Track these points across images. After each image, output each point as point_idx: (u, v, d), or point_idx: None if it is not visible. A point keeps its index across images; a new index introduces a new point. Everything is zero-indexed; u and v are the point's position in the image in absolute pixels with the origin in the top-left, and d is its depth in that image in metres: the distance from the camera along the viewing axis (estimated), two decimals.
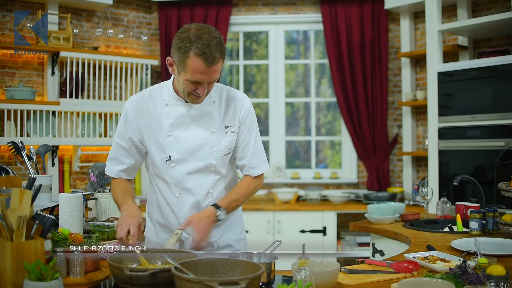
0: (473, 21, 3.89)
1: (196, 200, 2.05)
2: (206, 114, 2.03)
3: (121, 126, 2.08)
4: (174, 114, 2.02)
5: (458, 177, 2.80)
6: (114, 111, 4.56)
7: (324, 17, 4.88)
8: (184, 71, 1.85)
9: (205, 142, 2.02)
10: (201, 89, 1.89)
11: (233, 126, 2.07)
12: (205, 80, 1.86)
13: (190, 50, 1.81)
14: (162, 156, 2.03)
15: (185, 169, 2.03)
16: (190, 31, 1.84)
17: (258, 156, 2.13)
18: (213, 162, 2.04)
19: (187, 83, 1.88)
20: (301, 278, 1.40)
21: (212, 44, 1.81)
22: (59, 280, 1.46)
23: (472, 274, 1.53)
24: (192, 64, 1.82)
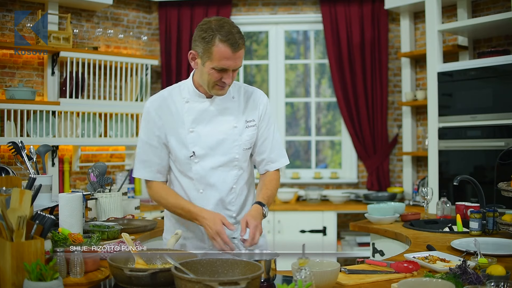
0: (473, 21, 3.89)
1: (220, 195, 2.07)
2: (227, 109, 2.08)
3: (147, 126, 2.09)
4: (195, 110, 2.05)
5: (458, 177, 2.80)
6: (114, 111, 4.57)
7: (324, 17, 4.88)
8: (210, 59, 1.91)
9: (227, 137, 2.06)
10: (227, 77, 1.94)
11: (253, 121, 2.11)
12: (231, 66, 1.92)
13: (215, 38, 1.88)
14: (185, 152, 2.05)
15: (209, 164, 2.05)
16: (211, 22, 1.91)
17: (278, 150, 2.17)
18: (236, 156, 2.07)
19: (213, 72, 1.93)
20: (301, 278, 1.40)
21: (234, 31, 1.90)
22: (59, 280, 1.46)
23: (472, 274, 1.53)
24: (218, 51, 1.88)
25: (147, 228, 2.63)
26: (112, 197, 2.82)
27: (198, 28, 1.93)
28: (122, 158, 4.89)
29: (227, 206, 2.10)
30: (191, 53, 1.97)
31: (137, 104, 4.72)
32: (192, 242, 2.12)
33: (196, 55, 1.96)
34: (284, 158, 2.19)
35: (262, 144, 2.14)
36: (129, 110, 4.67)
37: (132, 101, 4.71)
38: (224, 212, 2.08)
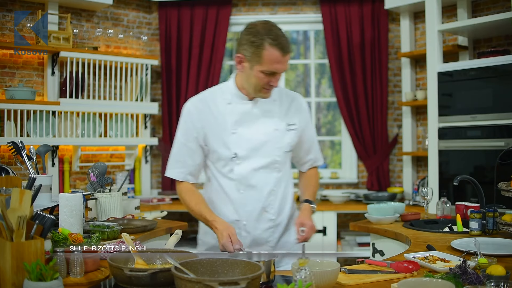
0: (473, 21, 3.89)
1: (260, 197, 2.10)
2: (269, 111, 2.12)
3: (185, 127, 2.13)
4: (238, 111, 2.09)
5: (458, 177, 2.80)
6: (114, 111, 4.57)
7: (324, 17, 4.88)
8: (259, 63, 1.95)
9: (269, 139, 2.10)
10: (275, 80, 1.99)
11: (294, 124, 2.16)
12: (280, 69, 1.97)
13: (265, 42, 1.91)
14: (227, 153, 2.07)
15: (250, 165, 2.08)
16: (258, 26, 1.96)
17: (319, 151, 2.33)
18: (277, 158, 2.11)
19: (262, 76, 1.96)
20: (301, 278, 1.40)
21: (282, 35, 1.94)
22: (59, 280, 1.46)
23: (472, 274, 1.53)
24: (269, 54, 1.92)
25: (147, 228, 2.63)
26: (112, 197, 2.82)
27: (246, 32, 1.97)
28: (122, 158, 4.89)
29: (266, 208, 2.12)
30: (238, 56, 2.00)
31: (137, 104, 4.72)
32: None
33: (243, 58, 1.98)
34: (321, 156, 2.35)
35: (310, 146, 2.25)
36: (129, 110, 4.67)
37: (132, 101, 4.71)
38: (263, 215, 2.11)
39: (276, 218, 2.14)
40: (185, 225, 2.98)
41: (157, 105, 4.86)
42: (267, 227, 2.14)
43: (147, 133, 4.90)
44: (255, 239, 2.13)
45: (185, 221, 3.20)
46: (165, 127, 5.01)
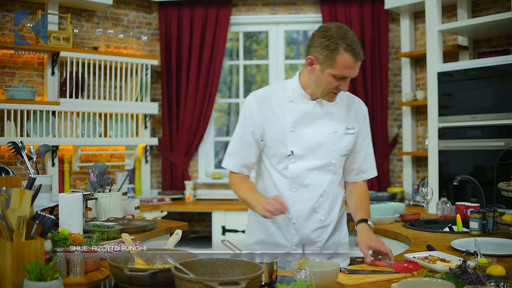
0: (473, 21, 3.89)
1: (311, 197, 2.09)
2: (329, 113, 2.10)
3: (244, 121, 2.13)
4: (299, 110, 2.08)
5: (458, 177, 2.80)
6: (114, 111, 4.57)
7: (324, 17, 4.88)
8: (332, 67, 1.94)
9: (326, 141, 2.08)
10: (344, 85, 1.97)
11: (353, 129, 2.14)
12: (351, 75, 1.96)
13: (340, 47, 1.91)
14: (284, 150, 2.07)
15: (305, 165, 2.07)
16: (332, 29, 1.95)
17: (370, 162, 2.22)
18: (332, 161, 2.10)
19: (332, 80, 1.96)
20: (301, 278, 1.40)
21: (356, 41, 1.93)
22: (59, 280, 1.46)
23: (472, 274, 1.53)
24: (343, 59, 1.92)
25: (147, 228, 2.63)
26: (112, 197, 2.82)
27: (320, 34, 1.97)
28: (122, 158, 4.89)
29: (317, 209, 2.12)
30: (309, 58, 2.01)
31: (137, 104, 4.72)
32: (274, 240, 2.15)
33: (315, 60, 1.99)
34: (374, 169, 2.24)
35: (357, 154, 2.18)
36: (129, 110, 4.68)
37: (132, 101, 4.71)
38: (313, 215, 2.12)
39: (325, 219, 2.15)
40: (185, 225, 2.98)
41: (157, 105, 4.86)
42: (316, 227, 2.14)
43: (147, 133, 4.90)
44: (303, 239, 2.13)
45: (185, 221, 3.20)
46: (165, 127, 5.01)
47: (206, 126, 5.01)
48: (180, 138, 4.99)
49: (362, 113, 2.19)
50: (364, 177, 2.23)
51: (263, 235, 2.17)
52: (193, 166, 5.16)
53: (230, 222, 4.50)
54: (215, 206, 4.59)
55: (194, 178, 5.14)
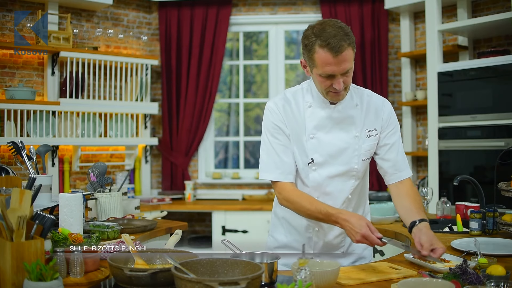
0: (473, 21, 3.89)
1: (334, 204, 1.97)
2: (349, 117, 2.00)
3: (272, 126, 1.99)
4: (318, 116, 1.98)
5: (458, 177, 2.80)
6: (114, 111, 4.57)
7: (324, 17, 4.88)
8: (315, 67, 1.85)
9: (347, 146, 1.99)
10: (337, 83, 1.85)
11: (374, 130, 2.02)
12: (336, 71, 1.83)
13: (315, 44, 1.81)
14: (304, 158, 1.98)
15: (326, 172, 1.99)
16: (314, 27, 1.85)
17: (403, 159, 2.07)
18: (355, 166, 2.00)
19: (321, 79, 1.87)
20: (301, 278, 1.40)
21: (337, 33, 1.80)
22: (59, 280, 1.46)
23: (472, 274, 1.53)
24: (320, 57, 1.81)
25: (147, 228, 2.63)
26: (112, 197, 2.82)
27: (303, 35, 1.88)
28: (122, 158, 4.89)
29: None
30: (301, 61, 1.94)
31: (137, 104, 4.72)
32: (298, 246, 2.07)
33: (305, 63, 1.92)
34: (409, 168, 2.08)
35: (388, 151, 2.04)
36: (129, 110, 4.68)
37: (132, 101, 4.72)
38: None
39: None
40: (185, 225, 2.97)
41: (157, 105, 4.86)
42: (339, 233, 2.07)
43: (147, 133, 4.90)
44: (326, 245, 2.08)
45: (185, 221, 3.20)
46: (165, 127, 5.01)
47: (206, 126, 5.01)
48: (180, 138, 4.99)
49: (385, 111, 2.05)
50: (403, 176, 2.04)
51: (286, 239, 2.10)
52: (193, 166, 5.16)
53: (230, 222, 4.50)
54: (215, 206, 4.59)
55: (194, 178, 5.14)
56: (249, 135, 5.38)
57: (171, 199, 4.75)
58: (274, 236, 2.19)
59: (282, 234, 2.14)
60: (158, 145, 4.99)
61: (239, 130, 5.29)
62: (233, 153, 5.40)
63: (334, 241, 2.09)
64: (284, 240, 2.14)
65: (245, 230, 4.46)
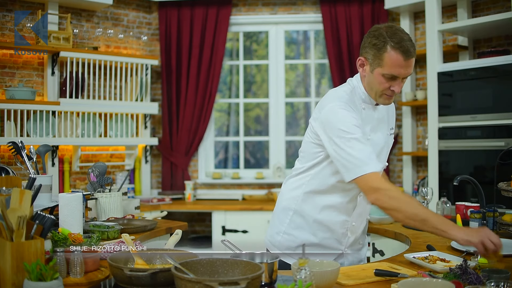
0: (473, 21, 3.89)
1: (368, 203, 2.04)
2: (384, 116, 2.10)
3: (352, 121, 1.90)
4: (371, 117, 2.05)
5: (458, 177, 2.80)
6: (114, 111, 4.57)
7: (324, 17, 4.88)
8: (381, 66, 1.90)
9: (384, 144, 2.09)
10: (396, 85, 1.91)
11: (392, 128, 2.16)
12: (402, 74, 1.89)
13: (387, 44, 1.87)
14: None
15: None
16: (382, 29, 1.91)
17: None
18: (386, 163, 2.11)
19: (382, 80, 1.91)
20: (301, 278, 1.40)
21: (406, 39, 1.87)
22: (59, 280, 1.46)
23: (472, 274, 1.53)
24: (390, 57, 1.87)
25: (147, 228, 2.63)
26: (112, 197, 2.82)
27: (369, 34, 1.93)
28: (122, 158, 4.89)
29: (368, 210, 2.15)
30: (360, 59, 1.96)
31: (137, 104, 4.72)
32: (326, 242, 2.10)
33: (365, 61, 1.95)
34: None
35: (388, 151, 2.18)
36: (129, 110, 4.68)
37: (132, 101, 4.72)
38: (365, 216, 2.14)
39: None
40: (185, 225, 2.97)
41: (157, 105, 4.86)
42: (364, 228, 2.19)
43: (147, 133, 4.90)
44: (356, 240, 2.15)
45: (185, 221, 3.20)
46: (165, 127, 5.01)
47: (206, 126, 5.01)
48: (180, 138, 4.99)
49: (394, 111, 2.21)
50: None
51: (312, 237, 2.08)
52: (193, 166, 5.16)
53: (230, 222, 4.50)
54: (215, 206, 4.59)
55: (194, 178, 5.14)
56: (249, 135, 5.38)
57: (171, 199, 4.75)
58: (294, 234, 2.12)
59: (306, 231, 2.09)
60: (158, 145, 4.99)
61: (239, 130, 5.29)
62: (233, 153, 5.40)
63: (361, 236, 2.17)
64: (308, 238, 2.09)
65: (245, 230, 4.46)
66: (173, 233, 2.11)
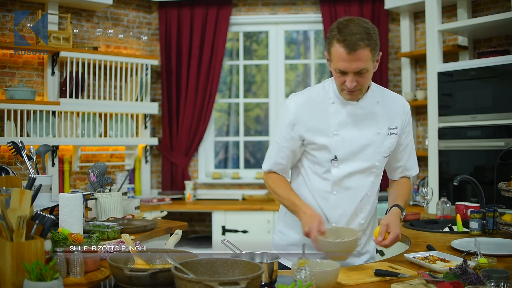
0: (473, 21, 3.89)
1: (353, 200, 2.02)
2: (372, 114, 2.01)
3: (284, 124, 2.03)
4: (341, 113, 1.99)
5: (458, 177, 2.80)
6: (114, 111, 4.57)
7: (324, 17, 4.88)
8: (332, 61, 1.88)
9: (370, 143, 2.00)
10: (348, 80, 1.86)
11: (395, 128, 2.05)
12: (347, 68, 1.83)
13: (334, 38, 1.83)
14: (327, 155, 1.98)
15: (348, 168, 1.99)
16: (340, 22, 1.85)
17: (413, 159, 2.16)
18: (376, 163, 2.02)
19: (336, 74, 1.89)
20: (301, 278, 1.40)
21: (357, 32, 1.80)
22: (59, 280, 1.46)
23: (472, 274, 1.53)
24: (335, 52, 1.83)
25: (147, 228, 2.63)
26: (112, 197, 2.82)
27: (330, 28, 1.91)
28: (122, 158, 4.89)
29: (357, 213, 2.05)
30: (325, 53, 1.94)
31: (137, 104, 4.72)
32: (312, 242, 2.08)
33: (327, 56, 1.92)
34: (416, 166, 2.18)
35: (402, 151, 2.11)
36: (129, 110, 4.68)
37: (132, 101, 4.72)
38: (354, 219, 2.04)
39: (364, 222, 2.07)
40: (185, 225, 2.98)
41: (157, 105, 4.86)
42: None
43: (147, 133, 4.90)
44: None
45: (185, 221, 3.20)
46: (165, 127, 5.01)
47: (206, 126, 5.01)
48: (180, 138, 4.99)
49: (405, 111, 2.09)
50: (408, 175, 2.17)
51: (298, 236, 2.07)
52: (193, 166, 5.16)
53: (230, 222, 4.50)
54: (215, 206, 4.59)
55: (194, 178, 5.14)
56: (249, 135, 5.38)
57: (171, 199, 4.75)
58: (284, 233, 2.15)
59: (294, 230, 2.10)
60: (158, 145, 4.99)
61: (239, 130, 5.29)
62: (233, 153, 5.40)
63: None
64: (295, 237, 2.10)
65: (245, 230, 4.45)
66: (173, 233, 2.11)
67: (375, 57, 1.88)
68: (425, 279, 1.58)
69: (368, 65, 1.85)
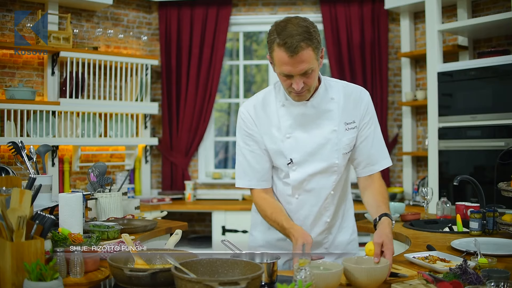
0: (473, 21, 3.89)
1: (317, 201, 1.99)
2: (326, 112, 1.95)
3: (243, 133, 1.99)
4: (292, 114, 1.93)
5: (458, 177, 2.80)
6: (114, 111, 4.57)
7: (324, 17, 4.88)
8: (275, 65, 1.82)
9: (326, 142, 1.94)
10: (295, 83, 1.80)
11: (353, 122, 1.97)
12: (292, 72, 1.77)
13: (274, 42, 1.77)
14: (283, 160, 1.95)
15: (307, 171, 1.95)
16: (277, 24, 1.79)
17: (378, 151, 2.02)
18: (335, 161, 1.96)
19: (281, 78, 1.83)
20: (301, 278, 1.40)
21: (296, 33, 1.73)
22: (59, 280, 1.46)
23: (472, 274, 1.53)
24: (277, 56, 1.77)
25: (147, 228, 2.63)
26: (112, 197, 2.82)
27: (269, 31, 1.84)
28: (122, 158, 4.89)
29: (323, 212, 2.02)
30: (267, 57, 1.88)
31: (137, 104, 4.72)
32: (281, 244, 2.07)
33: (269, 59, 1.86)
34: (385, 159, 2.03)
35: (361, 144, 1.99)
36: (129, 110, 4.68)
37: (132, 101, 4.72)
38: (319, 219, 2.02)
39: (330, 221, 2.06)
40: (185, 225, 2.97)
41: (157, 105, 4.86)
42: (322, 230, 2.06)
43: (147, 133, 4.90)
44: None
45: (185, 221, 3.20)
46: (165, 127, 5.01)
47: (206, 126, 5.01)
48: (180, 138, 4.99)
49: (362, 101, 1.99)
50: (374, 170, 2.02)
51: (269, 238, 2.09)
52: (193, 166, 5.16)
53: (230, 222, 4.50)
54: (215, 206, 4.59)
55: (194, 178, 5.14)
56: None
57: (171, 199, 4.75)
58: (257, 235, 2.18)
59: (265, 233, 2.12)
60: (158, 145, 4.99)
61: None
62: (233, 153, 5.40)
63: (317, 238, 2.06)
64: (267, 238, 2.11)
65: (245, 230, 4.45)
66: (173, 233, 2.11)
67: (318, 55, 1.81)
68: (425, 279, 1.58)
69: (313, 65, 1.79)
